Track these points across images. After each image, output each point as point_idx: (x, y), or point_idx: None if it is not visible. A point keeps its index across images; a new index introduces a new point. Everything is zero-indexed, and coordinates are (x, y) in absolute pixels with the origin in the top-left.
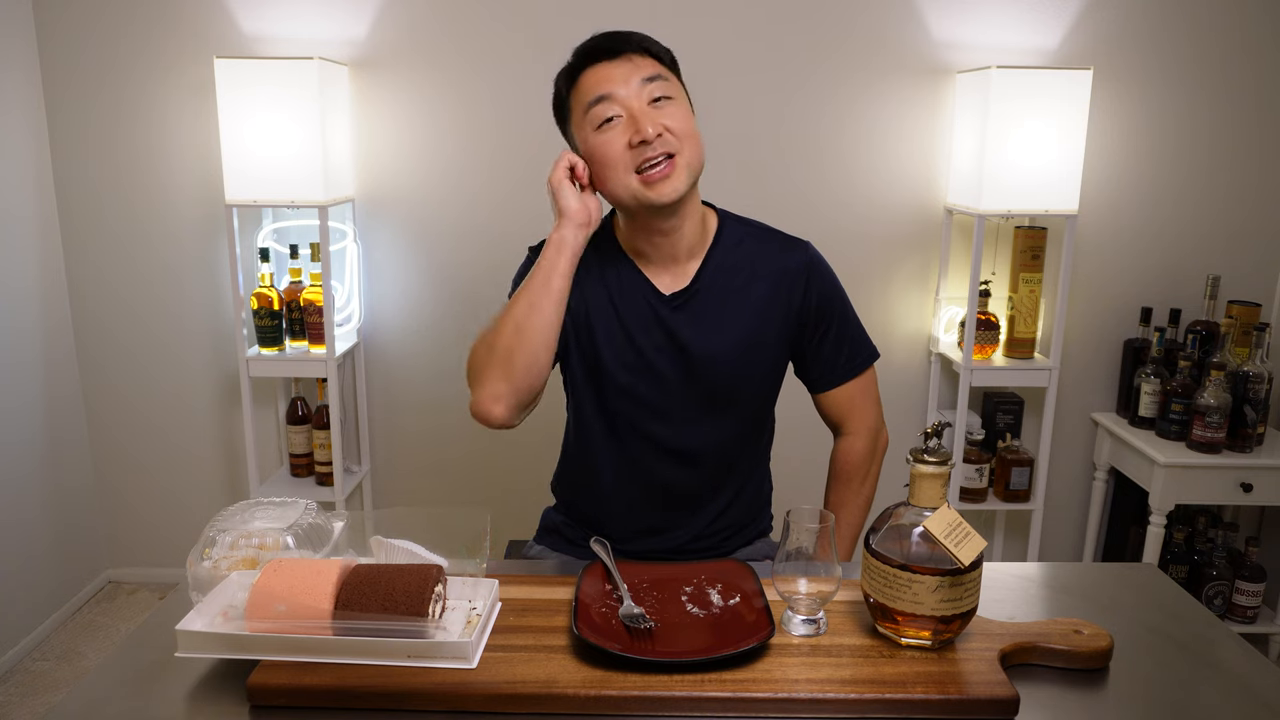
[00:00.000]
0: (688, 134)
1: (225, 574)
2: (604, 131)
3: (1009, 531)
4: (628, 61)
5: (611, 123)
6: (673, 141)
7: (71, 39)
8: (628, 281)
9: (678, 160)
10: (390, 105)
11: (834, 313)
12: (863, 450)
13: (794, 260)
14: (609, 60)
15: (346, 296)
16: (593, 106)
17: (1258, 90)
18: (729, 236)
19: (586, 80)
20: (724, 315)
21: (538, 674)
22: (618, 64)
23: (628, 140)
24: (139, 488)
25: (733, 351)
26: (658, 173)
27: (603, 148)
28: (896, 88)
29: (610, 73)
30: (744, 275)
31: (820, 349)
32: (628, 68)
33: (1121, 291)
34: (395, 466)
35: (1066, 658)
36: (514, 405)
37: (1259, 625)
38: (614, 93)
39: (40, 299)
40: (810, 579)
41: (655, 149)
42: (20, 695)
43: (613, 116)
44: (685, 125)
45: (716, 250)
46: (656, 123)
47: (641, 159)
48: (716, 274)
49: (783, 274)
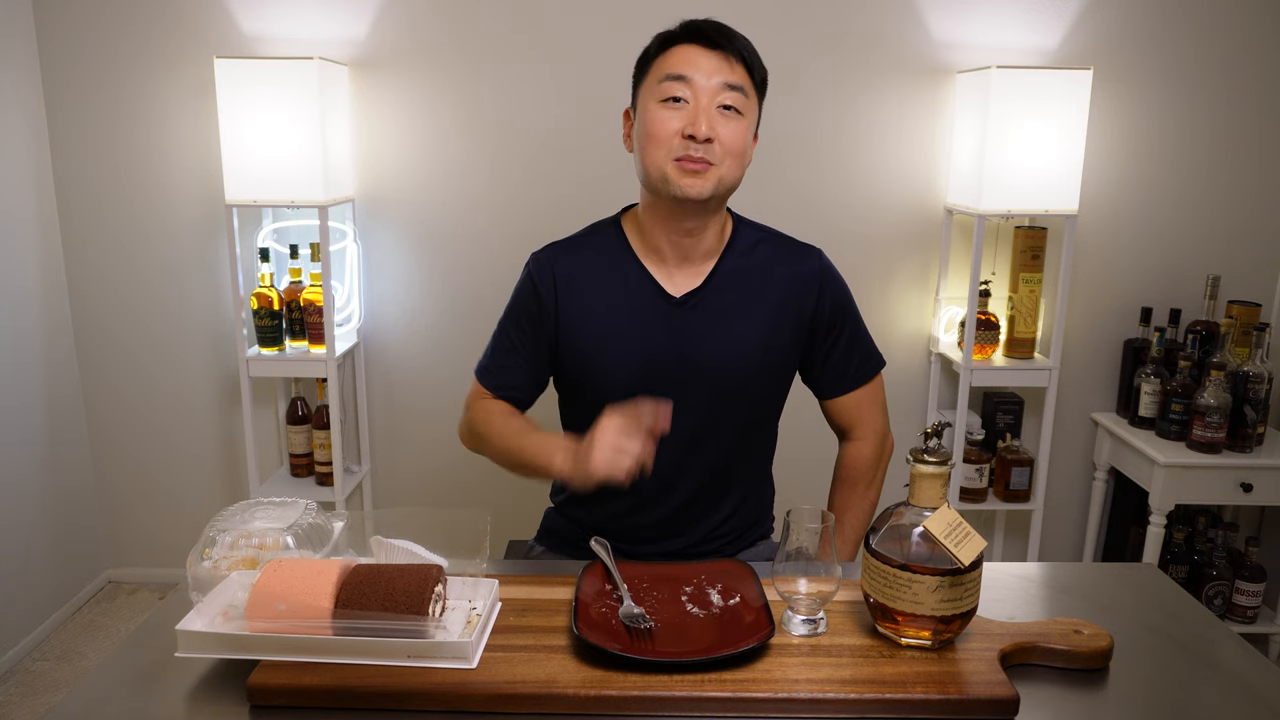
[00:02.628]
0: (734, 153)
1: (225, 574)
2: (666, 108)
3: (1009, 531)
4: (723, 59)
5: (677, 103)
6: (716, 152)
7: (71, 39)
8: (635, 284)
9: (712, 170)
10: (390, 105)
11: (845, 321)
12: (869, 456)
13: (807, 267)
14: (708, 48)
15: (346, 296)
16: (668, 80)
17: (1258, 90)
18: (743, 240)
19: (677, 54)
20: (735, 319)
21: (538, 674)
22: (713, 55)
23: (681, 127)
24: (139, 488)
25: (742, 355)
26: (692, 167)
27: (657, 122)
28: (896, 87)
29: (701, 59)
30: (757, 280)
31: (830, 356)
32: (719, 63)
33: (1121, 291)
34: (395, 466)
35: (1066, 658)
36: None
37: (1259, 625)
38: (693, 78)
39: (40, 299)
40: (810, 579)
41: (699, 150)
42: (20, 695)
43: (680, 98)
44: (736, 144)
45: (730, 254)
46: (713, 128)
47: (684, 151)
48: (729, 277)
49: (795, 280)
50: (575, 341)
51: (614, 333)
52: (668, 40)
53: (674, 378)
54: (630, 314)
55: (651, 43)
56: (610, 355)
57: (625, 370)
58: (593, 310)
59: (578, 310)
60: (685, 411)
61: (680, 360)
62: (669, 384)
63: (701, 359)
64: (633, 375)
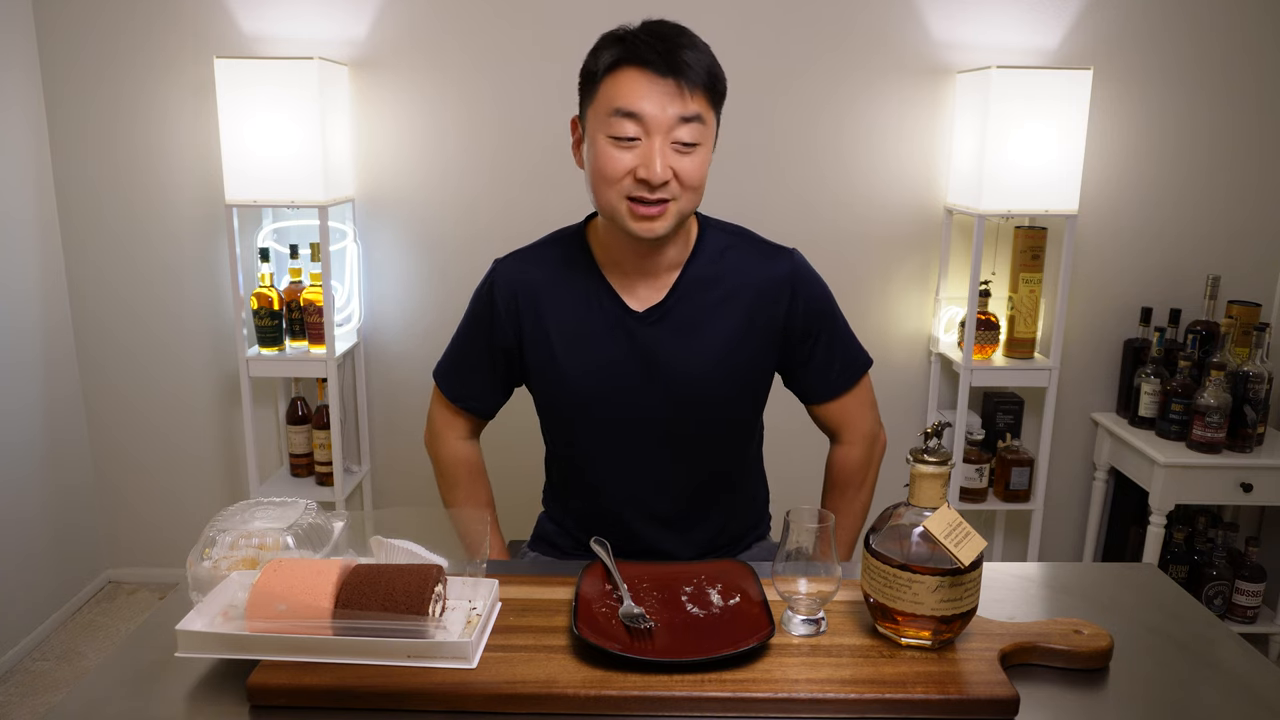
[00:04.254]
0: (695, 185)
1: (225, 574)
2: (617, 146)
3: (1009, 531)
4: (676, 90)
5: (628, 143)
6: (674, 189)
7: (71, 38)
8: (597, 299)
9: (670, 206)
10: (390, 105)
11: (822, 324)
12: (858, 459)
13: (778, 269)
14: (658, 75)
15: (346, 296)
16: (617, 115)
17: (1258, 90)
18: (710, 246)
19: (625, 81)
20: (701, 330)
21: (538, 674)
22: (665, 85)
23: (634, 168)
24: (139, 488)
25: (711, 368)
26: (645, 211)
27: (608, 161)
28: (896, 87)
29: (652, 92)
30: (723, 287)
31: (810, 362)
32: (672, 96)
33: (1121, 291)
34: (395, 466)
35: (1066, 658)
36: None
37: (1259, 625)
38: (645, 115)
39: (40, 299)
40: (810, 579)
41: (654, 194)
42: (20, 695)
43: (632, 137)
44: (695, 176)
45: (695, 262)
46: (668, 167)
47: (637, 193)
48: (693, 287)
49: (765, 284)
50: (538, 358)
51: (576, 350)
52: (614, 61)
53: (640, 393)
54: (593, 330)
55: (598, 54)
56: (574, 372)
57: (590, 387)
58: (554, 327)
59: (539, 326)
60: (657, 428)
61: (645, 376)
62: (636, 400)
63: (666, 374)
64: (598, 392)
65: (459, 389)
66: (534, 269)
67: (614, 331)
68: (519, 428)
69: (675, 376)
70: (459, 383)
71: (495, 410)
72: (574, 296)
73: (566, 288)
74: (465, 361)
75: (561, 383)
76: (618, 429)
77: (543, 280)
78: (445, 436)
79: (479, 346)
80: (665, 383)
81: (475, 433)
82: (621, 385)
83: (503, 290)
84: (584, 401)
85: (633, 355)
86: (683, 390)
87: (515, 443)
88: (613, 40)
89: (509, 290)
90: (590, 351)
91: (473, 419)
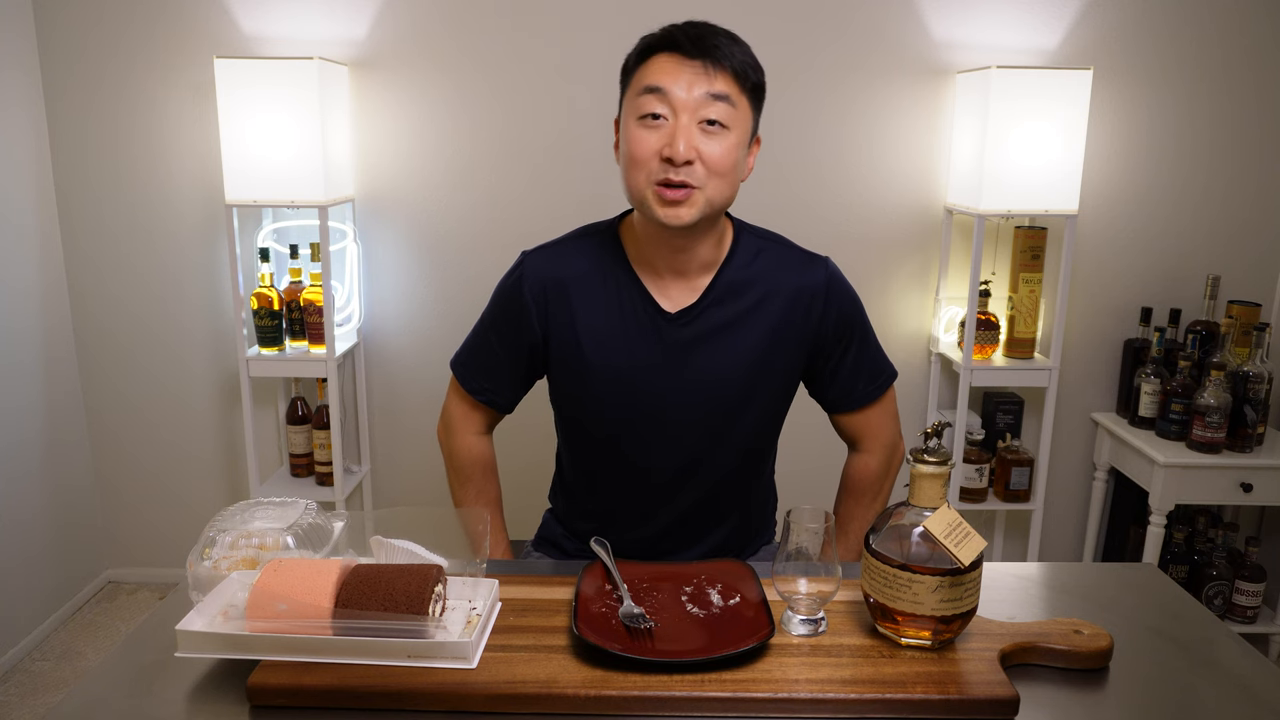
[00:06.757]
0: (721, 171)
1: (225, 574)
2: (644, 126)
3: (1009, 531)
4: (702, 69)
5: (655, 120)
6: (699, 174)
7: (71, 39)
8: (628, 298)
9: (696, 194)
10: (390, 105)
11: (853, 334)
12: (877, 468)
13: (812, 278)
14: (685, 56)
15: (346, 296)
16: (645, 94)
17: (1258, 90)
18: (744, 250)
19: (654, 64)
20: (732, 335)
21: (538, 674)
22: (692, 64)
23: (660, 148)
24: (139, 488)
25: (739, 373)
26: (671, 195)
27: (636, 143)
28: (896, 87)
29: (678, 70)
30: (757, 292)
31: (838, 372)
32: (699, 74)
33: (1121, 291)
34: (395, 466)
35: (1066, 658)
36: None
37: (1259, 625)
38: (671, 91)
39: (40, 299)
40: (810, 579)
41: (679, 174)
42: (20, 695)
43: (658, 114)
44: (723, 161)
45: (729, 266)
46: (692, 146)
47: (663, 175)
48: (726, 291)
49: (799, 292)
50: (564, 354)
51: (604, 349)
52: (647, 48)
53: (667, 396)
54: (622, 330)
55: (633, 49)
56: (600, 371)
57: (615, 387)
58: (583, 324)
59: (567, 323)
60: (680, 429)
61: (673, 378)
62: (661, 402)
63: (695, 377)
64: (622, 392)
65: (478, 380)
66: (565, 264)
67: (644, 332)
68: (526, 425)
69: (703, 380)
70: (479, 374)
71: (514, 405)
72: (605, 294)
73: (598, 285)
74: (487, 353)
75: (586, 380)
76: (638, 429)
77: (573, 276)
78: (460, 430)
79: (504, 339)
80: (692, 385)
81: (490, 427)
82: (647, 387)
83: (532, 284)
84: (607, 400)
85: (661, 357)
86: (709, 394)
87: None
88: (647, 38)
89: (538, 285)
90: (619, 351)
91: (490, 412)
